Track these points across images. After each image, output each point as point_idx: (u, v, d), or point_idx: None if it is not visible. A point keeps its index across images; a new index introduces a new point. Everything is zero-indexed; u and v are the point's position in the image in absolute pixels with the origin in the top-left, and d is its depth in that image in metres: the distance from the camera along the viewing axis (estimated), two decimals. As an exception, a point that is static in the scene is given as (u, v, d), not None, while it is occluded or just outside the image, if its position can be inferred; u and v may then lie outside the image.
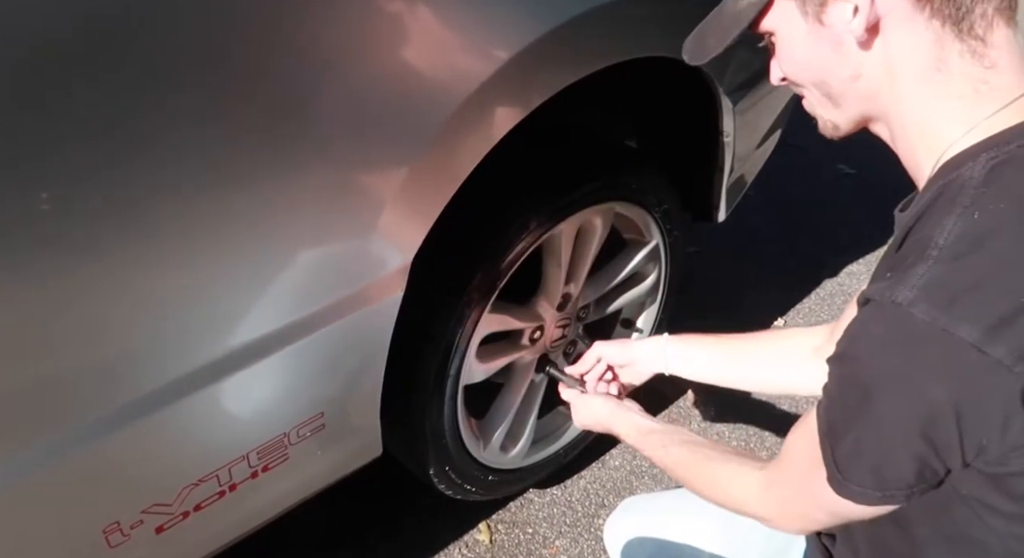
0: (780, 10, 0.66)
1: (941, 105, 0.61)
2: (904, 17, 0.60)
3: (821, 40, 0.64)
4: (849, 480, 0.62)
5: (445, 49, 0.88)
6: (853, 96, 0.66)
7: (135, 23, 0.66)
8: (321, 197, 0.84)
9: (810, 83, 0.69)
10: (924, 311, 0.54)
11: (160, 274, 0.75)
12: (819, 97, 0.69)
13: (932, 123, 0.62)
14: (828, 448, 0.63)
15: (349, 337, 0.95)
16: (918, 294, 0.55)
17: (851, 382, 0.61)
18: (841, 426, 0.62)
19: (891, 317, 0.56)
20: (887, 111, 0.65)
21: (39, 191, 0.64)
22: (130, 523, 0.84)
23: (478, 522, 1.46)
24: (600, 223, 1.28)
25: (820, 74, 0.67)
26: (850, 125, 0.69)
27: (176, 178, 0.72)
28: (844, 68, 0.64)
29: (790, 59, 0.68)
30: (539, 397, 1.41)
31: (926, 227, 0.59)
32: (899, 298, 0.55)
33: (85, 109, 0.65)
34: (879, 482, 0.61)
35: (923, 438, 0.57)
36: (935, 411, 0.55)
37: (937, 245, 0.56)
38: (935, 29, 0.60)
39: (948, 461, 0.58)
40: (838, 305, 2.06)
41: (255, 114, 0.75)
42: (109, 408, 0.77)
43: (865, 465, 0.61)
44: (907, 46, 0.61)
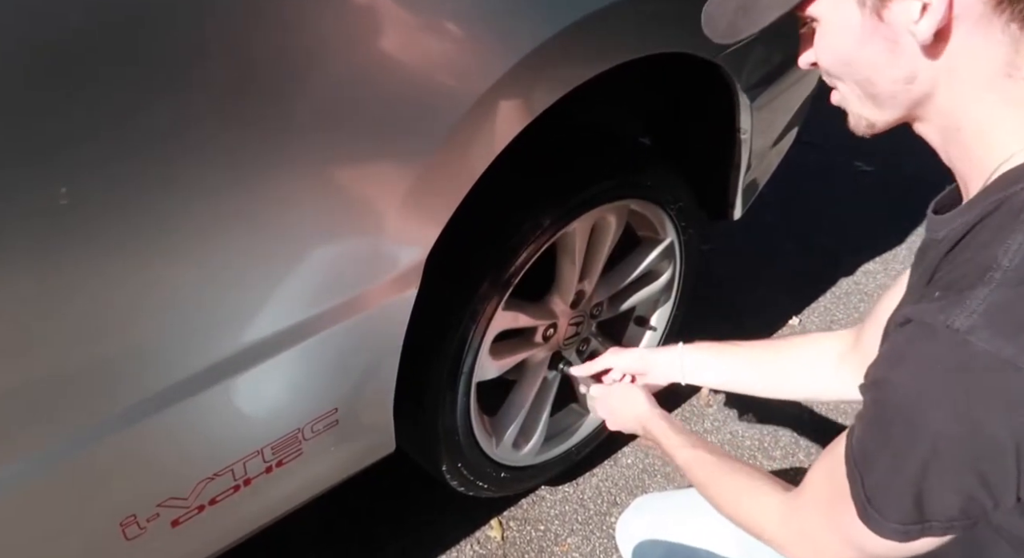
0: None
1: (1007, 113, 0.57)
2: (979, 20, 0.54)
3: (875, 37, 0.57)
4: (884, 515, 0.58)
5: (459, 47, 0.87)
6: (903, 98, 0.60)
7: (144, 22, 0.66)
8: (335, 194, 0.84)
9: (852, 80, 0.62)
10: (986, 340, 0.50)
11: (177, 271, 0.75)
12: (859, 94, 0.62)
13: (994, 131, 0.57)
14: (859, 480, 0.59)
15: (363, 334, 0.95)
16: (979, 320, 0.51)
17: (893, 410, 0.56)
18: (877, 456, 0.58)
19: (946, 343, 0.52)
20: (940, 115, 0.60)
21: (49, 191, 0.64)
22: (146, 516, 0.85)
23: (490, 519, 1.47)
24: (614, 220, 1.27)
25: (867, 72, 0.60)
26: (887, 126, 0.63)
27: (194, 176, 0.72)
28: (897, 69, 0.58)
29: (833, 51, 0.61)
30: (552, 394, 1.41)
31: (984, 244, 0.55)
32: (956, 323, 0.51)
33: (92, 109, 0.65)
34: (918, 514, 0.56)
35: (975, 473, 0.53)
36: (992, 445, 0.51)
37: (1001, 266, 0.52)
38: (1012, 33, 0.54)
39: (1000, 497, 0.54)
40: (854, 303, 2.04)
41: (269, 113, 0.75)
42: (127, 404, 0.78)
43: (905, 498, 0.56)
44: (978, 50, 0.55)
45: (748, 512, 0.78)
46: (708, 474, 0.85)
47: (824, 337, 0.99)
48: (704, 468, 0.85)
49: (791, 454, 1.62)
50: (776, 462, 1.61)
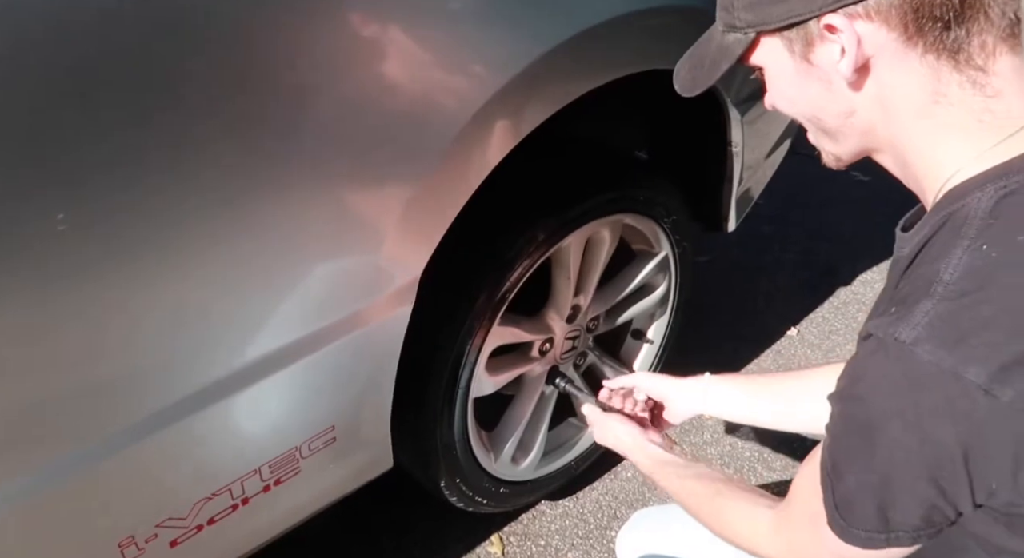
0: (767, 47, 0.63)
1: (943, 136, 0.59)
2: (895, 55, 0.57)
3: (811, 78, 0.62)
4: (851, 523, 0.60)
5: (454, 63, 0.89)
6: (850, 131, 0.64)
7: (144, 42, 0.67)
8: (330, 212, 0.85)
9: (804, 118, 0.67)
10: (929, 351, 0.52)
11: (174, 291, 0.76)
12: (815, 130, 0.68)
13: (934, 153, 0.60)
14: (828, 490, 0.61)
15: (359, 351, 0.96)
16: (922, 332, 0.53)
17: (853, 422, 0.59)
18: (843, 467, 0.60)
19: (894, 356, 0.54)
20: (887, 143, 0.63)
21: (52, 206, 0.65)
22: (145, 537, 0.85)
23: (490, 534, 1.46)
24: (609, 235, 1.28)
25: (813, 110, 0.65)
26: (851, 157, 0.67)
27: (187, 195, 0.73)
28: (836, 105, 0.62)
29: (780, 95, 0.66)
30: (550, 409, 1.41)
31: (930, 259, 0.58)
32: (902, 336, 0.53)
33: (95, 126, 0.66)
34: (883, 524, 0.58)
35: (930, 481, 0.55)
36: (942, 454, 0.53)
37: (942, 280, 0.54)
38: (930, 63, 0.57)
39: (957, 504, 0.56)
40: (851, 314, 2.04)
41: (264, 134, 0.76)
42: (123, 424, 0.78)
43: (869, 507, 0.58)
44: (900, 83, 0.58)
45: (741, 528, 0.79)
46: (698, 500, 0.86)
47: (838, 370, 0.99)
48: (694, 495, 0.87)
49: (791, 465, 1.62)
50: (776, 473, 1.61)
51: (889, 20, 0.56)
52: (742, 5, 0.62)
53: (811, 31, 0.59)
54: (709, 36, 0.69)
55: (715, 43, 0.67)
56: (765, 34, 0.63)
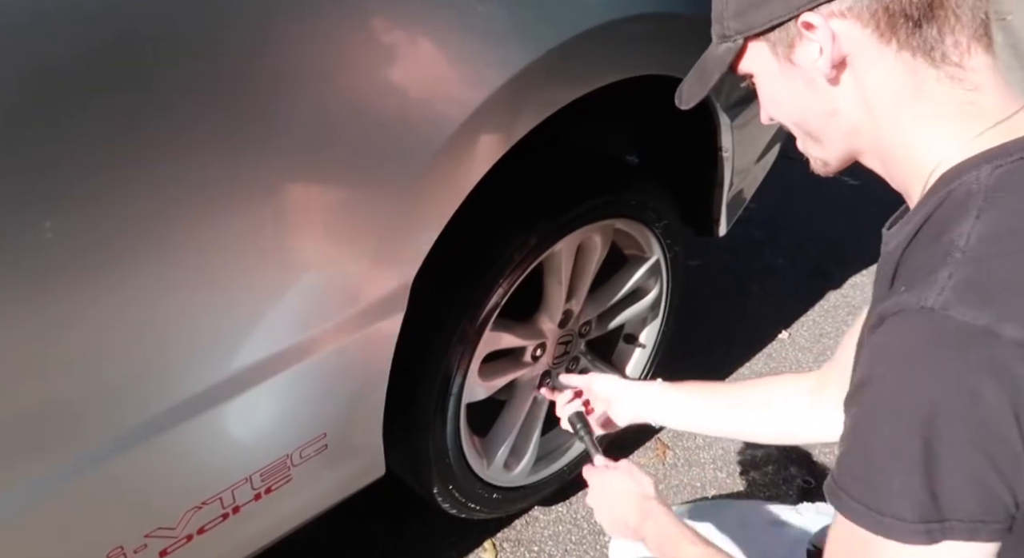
0: (754, 53, 0.67)
1: (926, 126, 0.61)
2: (870, 52, 0.60)
3: (794, 79, 0.64)
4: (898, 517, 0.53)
5: (445, 69, 0.89)
6: (834, 132, 0.66)
7: (139, 46, 0.67)
8: (321, 218, 0.85)
9: (792, 122, 0.69)
10: (961, 312, 0.51)
11: (161, 298, 0.75)
12: (802, 134, 0.70)
13: (919, 143, 0.61)
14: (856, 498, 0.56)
15: (350, 357, 0.96)
16: (950, 295, 0.51)
17: (884, 404, 0.54)
18: (877, 466, 0.55)
19: (924, 323, 0.52)
20: (872, 141, 0.65)
21: (41, 212, 0.65)
22: (134, 547, 0.84)
23: (483, 541, 1.46)
24: (600, 240, 1.28)
25: (799, 113, 0.67)
26: (838, 162, 0.69)
27: (175, 203, 0.73)
28: (820, 105, 0.65)
29: (769, 99, 0.69)
30: (542, 414, 1.41)
31: (935, 235, 0.58)
32: (929, 302, 0.52)
33: (88, 132, 0.65)
34: (936, 509, 0.52)
35: (982, 452, 0.50)
36: (992, 418, 0.50)
37: (959, 247, 0.54)
38: (905, 60, 0.59)
39: (1015, 485, 0.51)
40: (842, 317, 2.05)
41: (254, 137, 0.76)
42: (111, 433, 0.77)
43: (915, 491, 0.52)
44: (879, 79, 0.61)
45: None
46: None
47: (791, 378, 0.99)
48: None
49: (783, 467, 1.62)
50: (768, 476, 1.61)
51: (862, 17, 0.59)
52: (731, 14, 0.66)
53: (791, 31, 0.62)
54: (704, 55, 0.73)
55: (710, 56, 0.72)
56: (752, 39, 0.66)
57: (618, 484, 0.90)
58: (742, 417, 0.99)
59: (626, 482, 0.90)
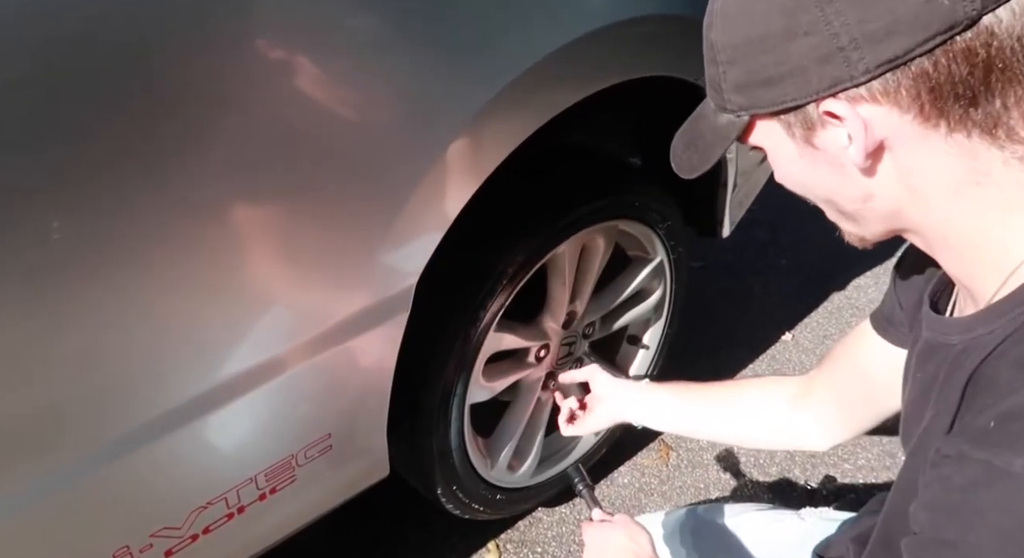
0: (765, 130, 0.55)
1: (995, 218, 0.50)
2: (913, 137, 0.49)
3: (817, 162, 0.54)
4: None
5: (447, 71, 0.89)
6: (870, 215, 0.56)
7: (140, 44, 0.67)
8: (325, 220, 0.85)
9: (817, 200, 0.59)
10: None
11: (166, 298, 0.76)
12: (832, 213, 0.59)
13: (989, 238, 0.51)
14: None
15: (355, 358, 0.96)
16: None
17: None
18: None
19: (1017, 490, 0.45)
20: (921, 226, 0.55)
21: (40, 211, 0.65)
22: (139, 547, 0.85)
23: (487, 542, 1.46)
24: (603, 241, 1.28)
25: (826, 194, 0.57)
26: (878, 237, 0.59)
27: (180, 204, 0.73)
28: (851, 190, 0.54)
29: (786, 177, 0.59)
30: (546, 414, 1.41)
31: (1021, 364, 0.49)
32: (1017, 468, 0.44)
33: (87, 133, 0.66)
34: None
35: None
36: None
37: None
38: (959, 142, 0.48)
39: None
40: (846, 318, 2.05)
41: (257, 138, 0.76)
42: (117, 433, 0.78)
43: None
44: (926, 165, 0.50)
45: None
46: None
47: (775, 382, 0.97)
48: None
49: (787, 470, 1.62)
50: (771, 477, 1.61)
51: (900, 103, 0.48)
52: (731, 88, 0.54)
53: (810, 116, 0.51)
54: (701, 112, 0.61)
55: (708, 123, 0.59)
56: (760, 117, 0.55)
57: (615, 540, 0.86)
58: (720, 425, 0.97)
59: (622, 538, 0.85)
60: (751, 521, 1.03)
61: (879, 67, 0.47)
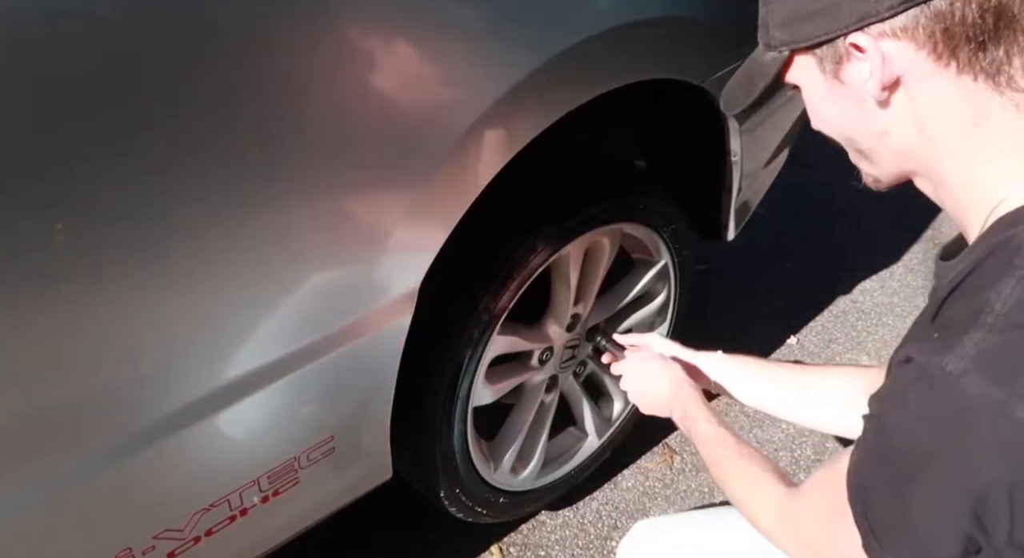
0: (801, 65, 0.64)
1: (986, 161, 0.56)
2: (926, 75, 0.55)
3: (843, 97, 0.61)
4: (888, 552, 0.58)
5: (453, 72, 0.89)
6: (884, 152, 0.63)
7: (143, 48, 0.67)
8: (329, 222, 0.85)
9: (840, 138, 0.66)
10: (978, 384, 0.50)
11: (169, 300, 0.76)
12: (852, 151, 0.66)
13: (978, 180, 0.57)
14: (862, 514, 0.59)
15: (358, 361, 0.96)
16: (970, 364, 0.51)
17: (893, 452, 0.57)
18: (878, 493, 0.58)
19: (940, 387, 0.52)
20: (926, 166, 0.61)
21: (44, 212, 0.65)
22: (142, 549, 0.85)
23: (490, 545, 1.45)
24: (608, 244, 1.28)
25: (847, 130, 0.64)
26: (891, 179, 0.66)
27: (184, 205, 0.73)
28: (870, 125, 0.61)
29: (816, 113, 0.66)
30: (550, 418, 1.41)
31: (978, 287, 0.55)
32: (949, 366, 0.51)
33: (87, 131, 0.65)
34: (921, 555, 0.56)
35: (971, 516, 0.53)
36: (987, 490, 0.51)
37: (993, 311, 0.51)
38: (966, 85, 0.54)
39: (993, 536, 0.54)
40: (851, 322, 2.04)
41: (262, 139, 0.76)
42: (120, 435, 0.78)
43: (907, 541, 0.57)
44: (935, 104, 0.56)
45: (748, 500, 0.81)
46: (723, 454, 0.87)
47: (853, 372, 0.99)
48: (722, 447, 0.88)
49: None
50: (777, 483, 1.60)
51: (917, 39, 0.54)
52: (775, 24, 0.63)
53: (839, 49, 0.59)
54: (751, 57, 0.70)
55: (755, 63, 0.69)
56: (798, 52, 0.63)
57: (653, 365, 1.03)
58: (793, 406, 1.00)
59: (658, 362, 1.03)
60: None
61: (902, 4, 0.54)
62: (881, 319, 2.05)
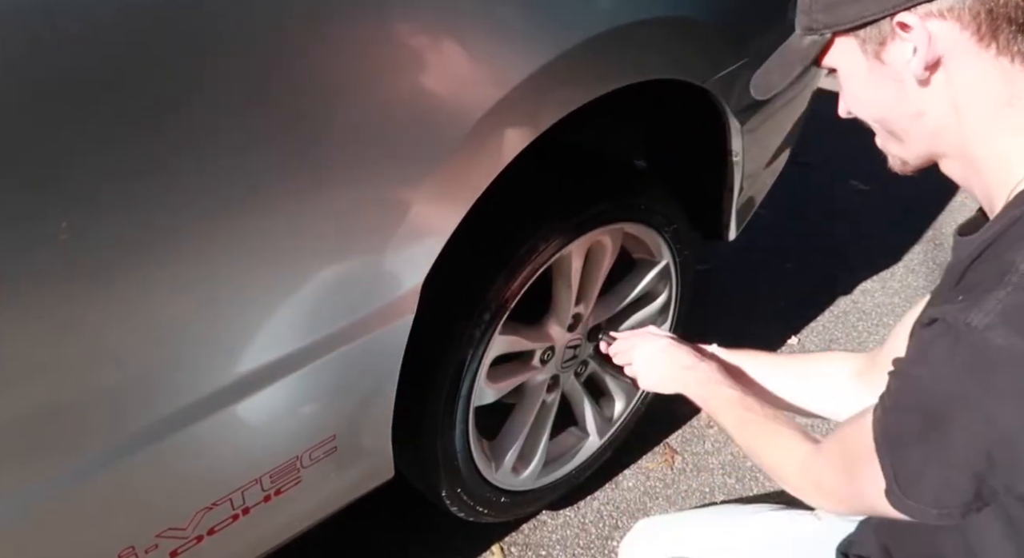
0: (841, 47, 0.66)
1: (1016, 139, 0.60)
2: (967, 55, 0.59)
3: (883, 78, 0.63)
4: (909, 497, 0.61)
5: (458, 71, 0.89)
6: (917, 133, 0.65)
7: (150, 39, 0.67)
8: (331, 221, 0.85)
9: (873, 120, 0.68)
10: (1002, 336, 0.53)
11: (173, 298, 0.76)
12: (884, 132, 0.69)
13: (1007, 157, 0.61)
14: (887, 462, 0.62)
15: (360, 360, 0.96)
16: (995, 319, 0.53)
17: (915, 402, 0.60)
18: (901, 443, 0.61)
19: (964, 340, 0.55)
20: (956, 147, 0.64)
21: (50, 210, 0.65)
22: (145, 547, 0.85)
23: (491, 545, 1.46)
24: (609, 243, 1.28)
25: (883, 111, 0.66)
26: (919, 161, 0.68)
27: (186, 201, 0.73)
28: (907, 106, 0.63)
29: (853, 96, 0.68)
30: (551, 417, 1.41)
31: (1002, 251, 0.58)
32: (974, 322, 0.54)
33: (95, 129, 0.65)
34: (938, 501, 0.60)
35: (988, 460, 0.56)
36: (1006, 436, 0.54)
37: (1018, 271, 0.55)
38: (1003, 66, 0.58)
39: (1011, 485, 0.57)
40: (852, 322, 2.04)
41: (264, 136, 0.76)
42: (124, 433, 0.78)
43: (927, 485, 0.60)
44: (973, 83, 0.60)
45: (772, 453, 0.82)
46: (748, 415, 0.88)
47: (843, 356, 1.01)
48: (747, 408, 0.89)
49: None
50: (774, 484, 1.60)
51: (962, 19, 0.57)
52: (820, 7, 0.65)
53: (884, 30, 0.61)
54: (787, 45, 0.72)
55: (791, 48, 0.71)
56: (840, 34, 0.65)
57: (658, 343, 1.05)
58: (787, 390, 1.01)
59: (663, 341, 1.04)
60: (766, 520, 1.03)
61: None
62: (882, 320, 2.06)
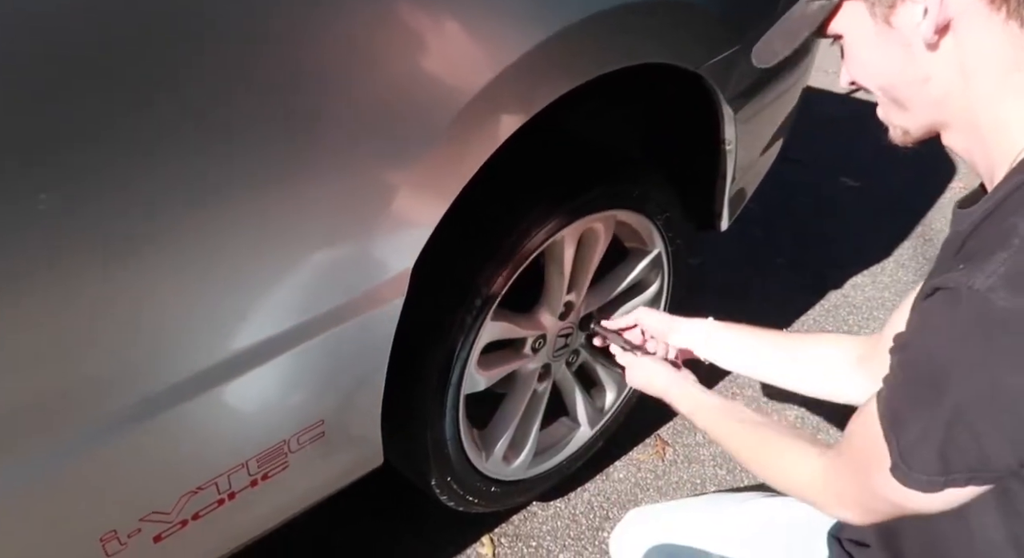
0: (849, 12, 0.65)
1: (1021, 104, 0.60)
2: (978, 18, 0.59)
3: (890, 42, 0.63)
4: (913, 468, 0.60)
5: (447, 54, 0.88)
6: (922, 100, 0.65)
7: (141, 27, 0.66)
8: (321, 203, 0.84)
9: (878, 87, 0.68)
10: (1004, 298, 0.53)
11: (157, 279, 0.74)
12: (887, 100, 0.68)
13: (1010, 123, 0.61)
14: (892, 438, 0.62)
15: (349, 343, 0.95)
16: (998, 281, 0.53)
17: (920, 370, 0.59)
18: (908, 414, 0.60)
19: (968, 303, 0.54)
20: (961, 113, 0.63)
21: (41, 192, 0.64)
22: (127, 531, 0.83)
23: (481, 535, 1.45)
24: (602, 231, 1.27)
25: (888, 78, 0.66)
26: (920, 131, 0.68)
27: (176, 182, 0.72)
28: (914, 71, 0.63)
29: (858, 62, 0.68)
30: (542, 407, 1.40)
31: (1004, 218, 0.58)
32: (976, 284, 0.54)
33: (88, 111, 0.65)
34: (944, 466, 0.59)
35: (996, 425, 0.55)
36: (1011, 397, 0.54)
37: (1020, 234, 0.55)
38: (1013, 30, 0.59)
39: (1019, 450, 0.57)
40: (842, 316, 2.05)
41: (257, 119, 0.75)
42: (106, 414, 0.76)
43: (930, 451, 0.59)
44: (982, 47, 0.60)
45: (786, 475, 0.80)
46: (741, 442, 0.87)
47: (846, 339, 1.01)
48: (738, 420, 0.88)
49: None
50: (769, 475, 1.60)
51: None
52: None
53: None
54: (790, 14, 0.72)
55: (797, 14, 0.70)
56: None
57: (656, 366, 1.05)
58: (783, 365, 1.01)
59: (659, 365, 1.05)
60: (758, 507, 1.02)
61: None
62: (872, 313, 2.06)
